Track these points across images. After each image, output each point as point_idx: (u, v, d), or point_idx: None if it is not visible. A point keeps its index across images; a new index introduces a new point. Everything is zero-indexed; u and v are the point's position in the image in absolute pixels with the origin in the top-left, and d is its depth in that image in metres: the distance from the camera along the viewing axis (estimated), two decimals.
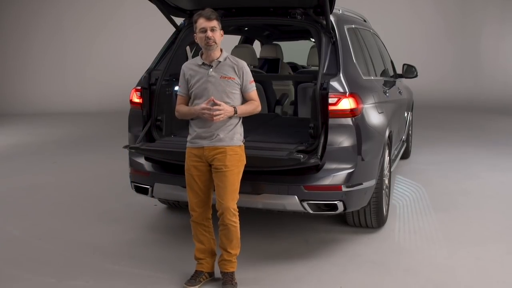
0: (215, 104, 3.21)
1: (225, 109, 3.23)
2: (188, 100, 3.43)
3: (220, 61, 3.33)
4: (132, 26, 14.50)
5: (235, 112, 3.29)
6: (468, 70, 14.73)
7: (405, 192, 5.68)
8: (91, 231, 4.58)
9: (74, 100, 14.07)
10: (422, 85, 11.38)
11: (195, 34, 3.34)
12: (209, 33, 3.24)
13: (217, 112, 3.20)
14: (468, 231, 4.51)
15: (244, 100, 3.42)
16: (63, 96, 14.19)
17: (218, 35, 3.29)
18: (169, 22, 4.48)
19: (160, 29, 6.73)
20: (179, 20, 4.58)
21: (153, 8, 4.32)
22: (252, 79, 3.40)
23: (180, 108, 3.42)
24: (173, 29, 4.55)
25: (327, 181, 3.69)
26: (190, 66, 3.41)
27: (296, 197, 3.68)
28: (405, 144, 6.61)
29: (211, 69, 3.31)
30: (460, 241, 4.26)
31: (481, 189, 5.83)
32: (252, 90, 3.40)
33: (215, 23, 3.26)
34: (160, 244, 4.25)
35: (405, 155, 7.12)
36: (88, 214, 5.06)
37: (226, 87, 3.30)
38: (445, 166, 6.89)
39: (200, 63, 3.36)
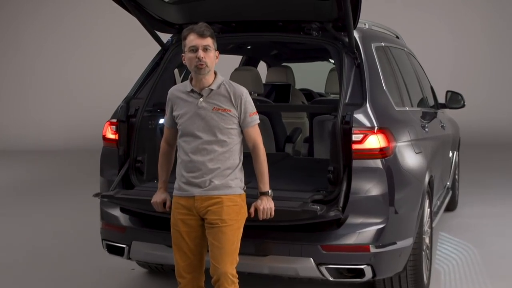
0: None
1: (270, 206, 3.41)
2: (175, 134, 3.43)
3: (212, 89, 3.32)
4: (108, 46, 14.70)
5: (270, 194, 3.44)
6: None
7: (451, 254, 5.63)
8: None
9: (34, 135, 14.17)
10: (470, 118, 11.41)
11: (183, 54, 3.35)
12: (201, 53, 3.24)
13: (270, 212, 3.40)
14: None
15: (243, 136, 3.39)
16: (21, 130, 14.30)
17: (211, 57, 3.29)
18: (153, 39, 4.54)
19: (142, 48, 6.84)
20: (165, 37, 4.63)
21: (135, 22, 4.37)
22: (255, 110, 3.38)
23: (160, 154, 3.58)
24: (158, 48, 4.60)
25: (351, 239, 3.67)
26: (176, 93, 3.42)
27: (311, 259, 3.66)
28: (450, 192, 6.59)
29: (201, 99, 3.32)
30: None
31: None
32: (253, 125, 3.37)
33: (209, 42, 3.27)
34: None
35: (451, 207, 7.08)
36: (47, 281, 5.01)
37: (220, 121, 3.29)
38: (501, 221, 6.84)
39: (189, 89, 3.36)
